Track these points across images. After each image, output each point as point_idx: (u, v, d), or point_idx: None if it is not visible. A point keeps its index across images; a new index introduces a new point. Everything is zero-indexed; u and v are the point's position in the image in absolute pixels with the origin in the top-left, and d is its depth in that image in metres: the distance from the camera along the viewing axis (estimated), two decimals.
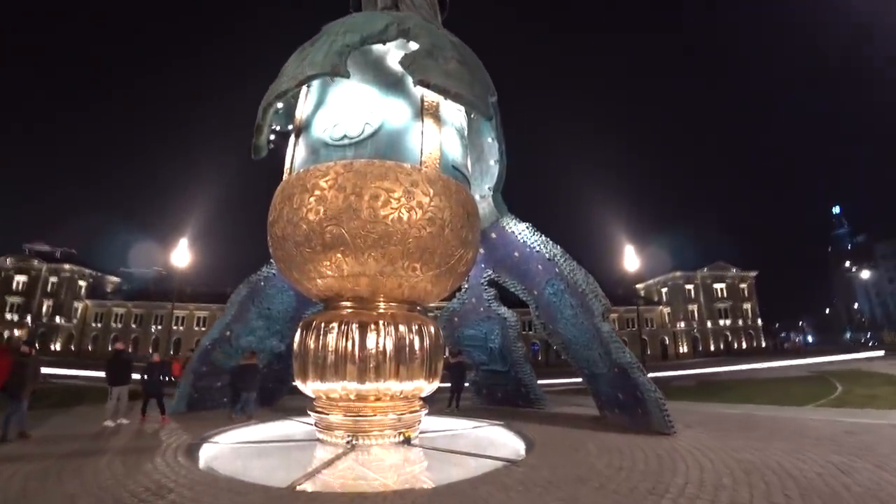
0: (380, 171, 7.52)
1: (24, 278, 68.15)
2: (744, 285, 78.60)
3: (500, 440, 8.72)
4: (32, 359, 8.63)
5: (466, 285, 13.32)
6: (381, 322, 7.67)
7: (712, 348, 73.02)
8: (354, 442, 7.51)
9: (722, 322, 75.51)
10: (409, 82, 8.73)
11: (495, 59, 9.67)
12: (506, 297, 13.80)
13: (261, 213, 8.78)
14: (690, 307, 76.15)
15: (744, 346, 74.21)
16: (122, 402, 9.97)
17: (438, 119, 8.76)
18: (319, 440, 7.99)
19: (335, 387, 7.46)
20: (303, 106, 9.28)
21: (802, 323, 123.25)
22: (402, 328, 7.74)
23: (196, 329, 64.10)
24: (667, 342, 74.36)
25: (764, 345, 76.10)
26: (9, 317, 66.11)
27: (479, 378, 13.83)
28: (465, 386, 13.34)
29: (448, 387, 12.42)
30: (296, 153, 8.81)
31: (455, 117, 9.43)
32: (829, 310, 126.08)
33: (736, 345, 74.23)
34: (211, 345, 11.55)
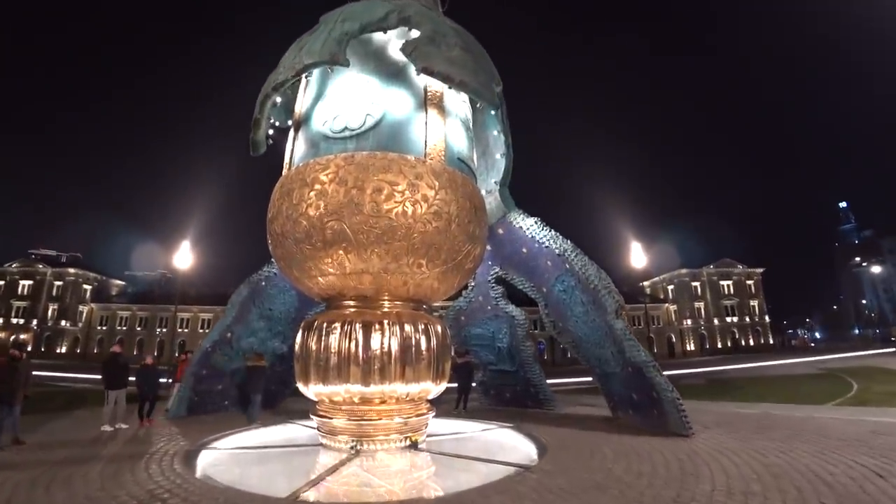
0: (382, 164, 7.20)
1: (29, 283, 68.39)
2: (750, 282, 77.86)
3: (511, 443, 8.38)
4: (23, 363, 8.37)
5: (473, 283, 12.97)
6: (385, 321, 7.33)
7: (719, 346, 72.35)
8: (359, 447, 7.19)
9: (729, 319, 74.82)
10: (411, 72, 8.41)
11: (497, 54, 9.33)
12: (513, 294, 13.49)
13: (264, 213, 8.46)
14: (697, 304, 75.49)
15: (751, 343, 73.50)
16: (119, 406, 9.71)
17: (443, 110, 8.42)
18: (323, 445, 7.66)
19: (338, 390, 7.13)
20: (302, 99, 8.98)
21: (809, 319, 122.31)
22: (407, 328, 7.40)
23: (200, 331, 63.92)
24: (674, 340, 73.77)
25: (771, 342, 75.36)
26: (14, 321, 66.36)
27: (487, 378, 13.49)
28: (472, 386, 13.00)
29: (455, 387, 12.09)
30: (295, 147, 8.52)
31: (460, 108, 9.10)
32: (836, 306, 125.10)
33: (743, 342, 73.54)
34: (211, 347, 11.26)
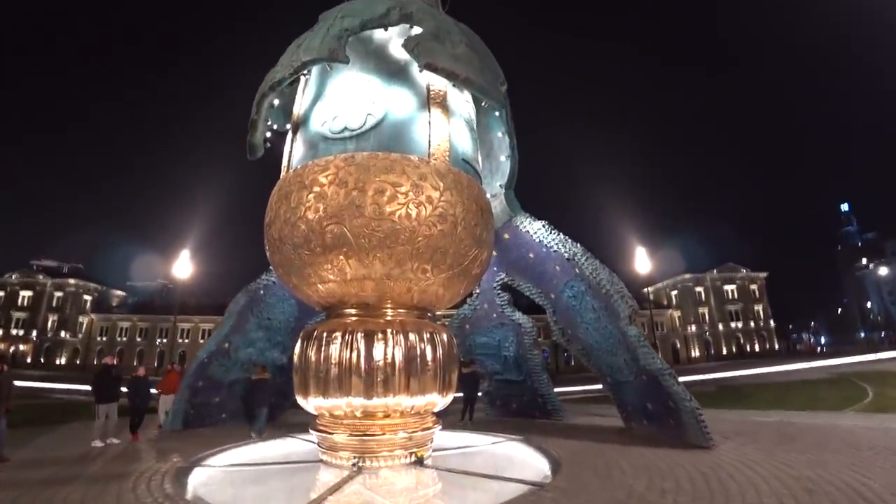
0: (384, 164, 6.84)
1: (29, 293, 68.13)
2: (754, 286, 77.29)
3: (521, 457, 7.96)
4: (6, 375, 7.98)
5: (478, 290, 12.58)
6: (388, 330, 6.93)
7: (724, 351, 71.65)
8: (361, 464, 6.76)
9: (733, 324, 74.16)
10: (413, 71, 8.10)
11: (497, 55, 9.04)
12: (520, 301, 13.10)
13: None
14: (701, 310, 74.91)
15: (756, 348, 72.78)
16: (110, 420, 9.31)
17: (446, 109, 8.09)
18: (323, 462, 7.24)
19: (339, 403, 6.72)
20: (300, 100, 8.66)
21: (814, 323, 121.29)
22: (412, 337, 6.99)
23: (201, 342, 63.50)
24: (678, 346, 73.12)
25: (777, 347, 74.64)
26: (14, 332, 66.01)
27: (493, 388, 13.05)
28: (478, 397, 12.57)
29: (460, 397, 11.67)
30: (293, 149, 8.18)
31: (464, 108, 8.77)
32: (840, 309, 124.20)
33: (748, 347, 72.83)
34: (208, 358, 10.86)
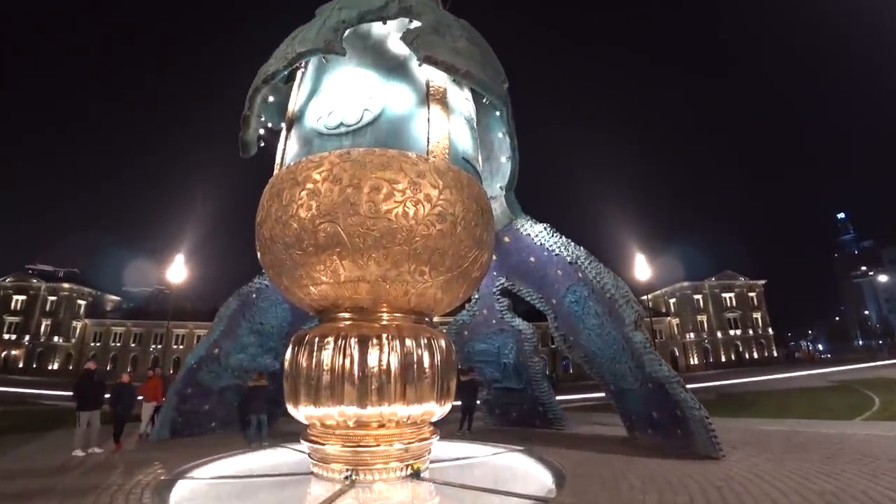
0: (381, 161, 6.52)
1: (22, 297, 67.43)
2: (753, 294, 77.16)
3: (523, 469, 7.60)
4: None
5: (477, 295, 12.25)
6: (384, 336, 6.57)
7: (723, 359, 71.35)
8: (354, 477, 6.39)
9: (732, 332, 73.94)
10: (412, 66, 7.83)
11: (497, 55, 8.78)
12: (518, 307, 12.76)
13: None
14: (699, 317, 74.66)
15: (755, 355, 72.53)
16: (93, 428, 8.90)
17: (446, 106, 7.79)
18: (314, 474, 6.86)
19: (331, 412, 6.35)
20: (296, 96, 8.36)
21: (812, 331, 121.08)
22: (408, 342, 6.63)
23: None
24: (677, 354, 72.73)
25: (776, 354, 74.38)
26: (7, 336, 65.26)
27: (492, 397, 12.68)
28: (477, 405, 12.20)
29: (458, 405, 11.31)
30: (287, 146, 7.87)
31: (464, 106, 8.49)
32: (838, 317, 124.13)
33: (747, 355, 72.56)
34: (197, 364, 10.48)
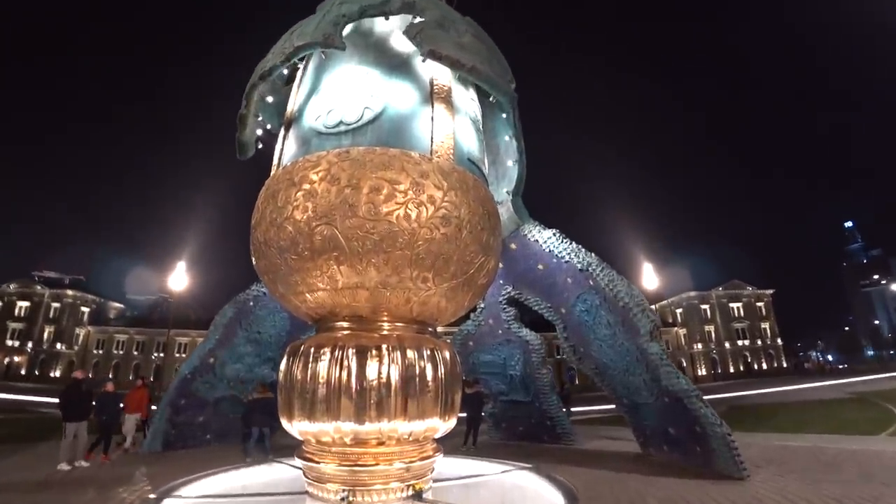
0: (382, 160, 6.15)
1: (26, 304, 67.46)
2: (760, 304, 76.26)
3: (532, 489, 7.14)
4: None
5: (482, 304, 11.82)
6: (384, 346, 6.12)
7: (732, 370, 70.33)
8: (351, 498, 5.92)
9: (740, 342, 73.03)
10: (415, 64, 7.51)
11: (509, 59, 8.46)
12: (526, 317, 12.31)
13: None
14: (707, 328, 73.82)
15: (764, 366, 71.47)
16: (80, 440, 8.51)
17: (451, 105, 7.43)
18: (309, 494, 6.40)
19: (327, 428, 5.90)
20: (294, 96, 8.04)
21: (821, 342, 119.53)
22: (410, 354, 6.18)
23: None
24: (684, 364, 71.79)
25: (785, 365, 73.25)
26: (10, 343, 65.23)
27: (498, 410, 12.21)
28: (482, 418, 11.72)
29: (462, 418, 10.85)
30: (285, 147, 7.53)
31: (470, 106, 8.14)
32: (847, 327, 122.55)
33: (756, 366, 71.52)
34: (191, 374, 10.08)
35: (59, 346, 66.30)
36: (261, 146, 8.54)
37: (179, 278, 29.52)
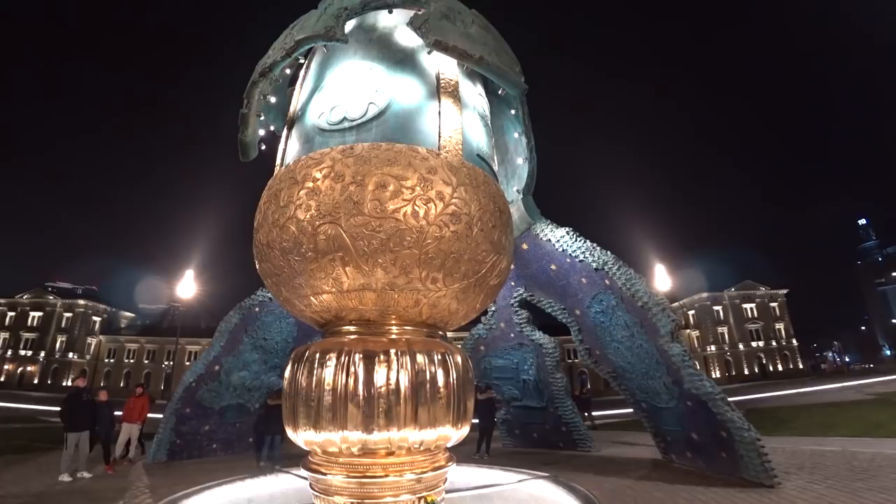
0: (388, 156, 5.88)
1: (39, 314, 68.05)
2: (774, 304, 74.99)
3: (550, 499, 6.78)
4: None
5: (493, 307, 11.49)
6: (392, 351, 5.82)
7: (746, 372, 69.10)
8: None
9: (755, 344, 71.78)
10: (421, 59, 7.26)
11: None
12: (539, 319, 11.96)
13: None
14: (720, 329, 72.70)
15: (780, 368, 70.15)
16: (81, 451, 8.29)
17: (458, 100, 7.16)
18: None
19: (333, 438, 5.60)
20: (298, 95, 7.84)
21: (837, 342, 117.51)
22: (420, 359, 5.87)
23: None
24: (698, 367, 70.72)
25: (801, 366, 71.88)
26: (23, 353, 65.84)
27: (511, 416, 11.85)
28: (495, 425, 11.37)
29: (474, 425, 10.51)
30: (287, 147, 7.30)
31: (478, 102, 7.87)
32: (864, 327, 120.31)
33: (771, 367, 70.22)
34: (196, 382, 9.86)
35: (70, 355, 66.80)
36: (264, 147, 8.33)
37: (188, 286, 29.46)
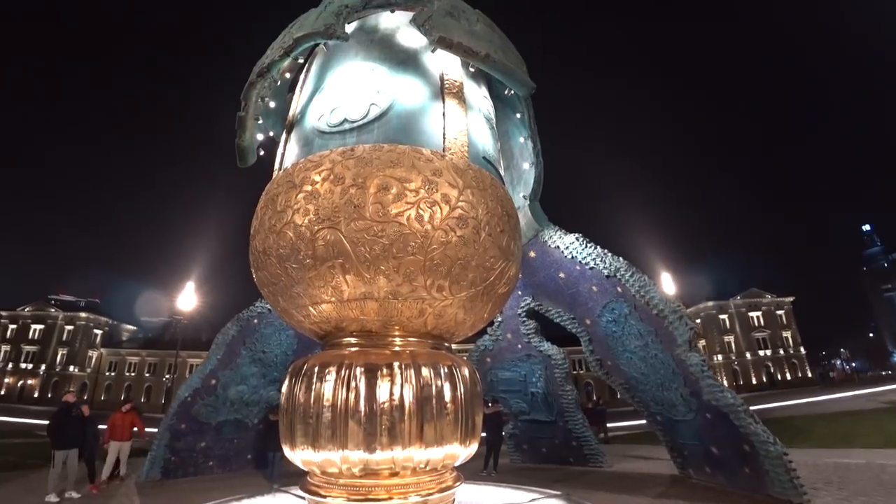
0: (390, 157, 5.59)
1: (41, 327, 67.75)
2: (781, 312, 74.19)
3: None
4: None
5: (500, 318, 11.12)
6: (396, 364, 5.47)
7: (754, 381, 68.17)
8: None
9: (762, 352, 70.89)
10: (424, 59, 7.02)
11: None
12: (547, 330, 11.59)
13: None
14: (727, 338, 71.91)
15: (788, 377, 69.20)
16: (70, 469, 7.91)
17: (463, 101, 6.90)
18: None
19: (332, 457, 5.24)
20: (297, 98, 7.59)
21: (844, 349, 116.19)
22: (425, 372, 5.52)
23: None
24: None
25: (810, 375, 70.90)
26: (23, 366, 65.44)
27: (519, 430, 11.42)
28: (503, 439, 10.94)
29: (481, 439, 10.10)
30: (286, 151, 7.04)
31: (483, 104, 7.61)
32: (871, 334, 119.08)
33: (779, 376, 69.27)
34: (191, 396, 9.48)
35: (71, 368, 66.26)
36: (262, 153, 8.07)
37: (188, 298, 29.20)
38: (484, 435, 9.70)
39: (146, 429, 10.12)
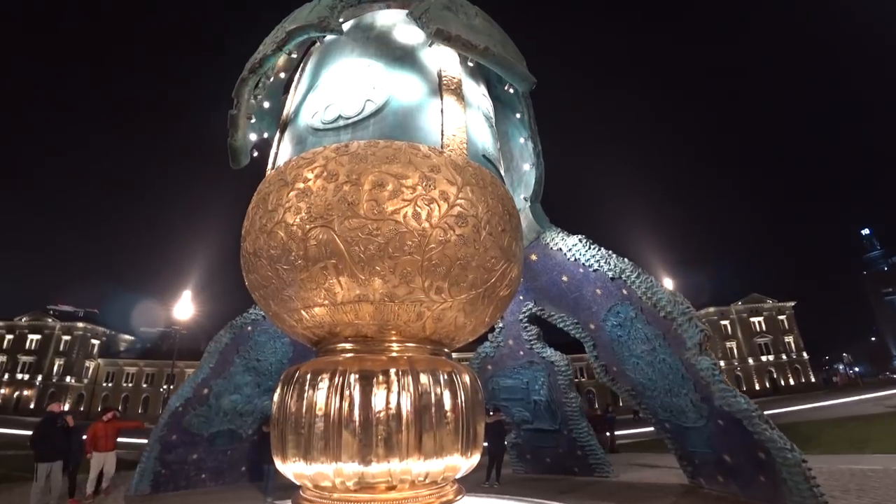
0: (386, 153, 5.36)
1: (37, 337, 67.23)
2: (782, 317, 73.90)
3: None
4: None
5: (501, 324, 10.82)
6: (392, 371, 5.18)
7: (757, 387, 67.69)
8: None
9: (764, 358, 70.53)
10: (422, 55, 6.82)
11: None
12: (550, 335, 11.29)
13: None
14: (728, 344, 71.49)
15: (791, 382, 68.76)
16: (53, 482, 7.58)
17: (462, 98, 6.68)
18: None
19: (325, 470, 4.93)
20: (291, 97, 7.37)
21: (847, 354, 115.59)
22: (424, 379, 5.22)
23: None
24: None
25: (813, 380, 70.44)
26: (20, 376, 64.85)
27: (522, 439, 11.08)
28: (505, 449, 10.61)
29: (483, 451, 9.77)
30: (280, 150, 6.80)
31: (482, 102, 7.40)
32: (874, 337, 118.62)
33: (782, 381, 68.85)
34: (182, 406, 9.16)
35: (68, 379, 65.61)
36: (256, 154, 7.87)
37: (185, 307, 28.91)
38: (486, 445, 9.43)
39: (137, 440, 9.81)
